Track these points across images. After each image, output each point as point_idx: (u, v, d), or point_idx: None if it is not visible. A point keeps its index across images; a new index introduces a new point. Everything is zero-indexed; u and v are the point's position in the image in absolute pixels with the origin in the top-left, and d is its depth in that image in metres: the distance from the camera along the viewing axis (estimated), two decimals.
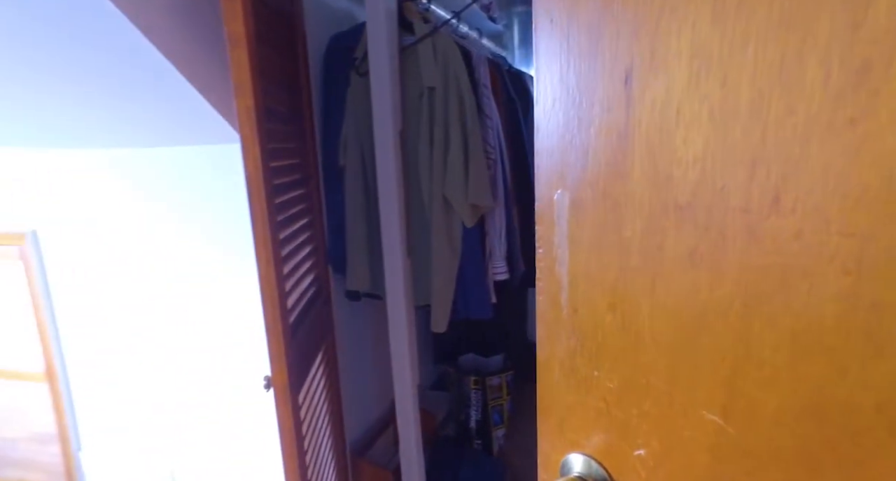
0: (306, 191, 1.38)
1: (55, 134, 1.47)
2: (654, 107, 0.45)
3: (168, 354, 1.59)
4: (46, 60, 1.14)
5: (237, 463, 1.58)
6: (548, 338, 0.58)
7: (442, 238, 1.43)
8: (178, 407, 1.62)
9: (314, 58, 1.44)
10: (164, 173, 1.45)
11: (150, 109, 1.26)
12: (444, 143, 1.37)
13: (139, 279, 1.56)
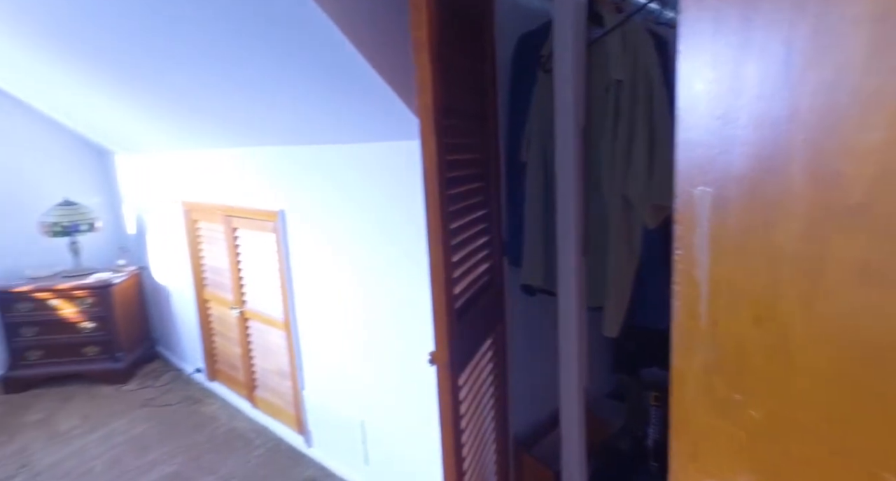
0: (484, 185, 1.46)
1: (298, 133, 1.85)
2: (820, 87, 0.37)
3: (362, 318, 1.86)
4: (292, 78, 1.44)
5: (414, 423, 1.77)
6: (683, 348, 0.52)
7: (619, 238, 1.36)
8: (367, 366, 1.89)
9: (503, 58, 1.50)
10: (370, 165, 1.70)
11: (366, 111, 1.49)
12: (628, 139, 1.29)
13: (345, 253, 1.86)
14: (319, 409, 2.17)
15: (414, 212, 1.59)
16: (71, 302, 2.99)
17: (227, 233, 2.49)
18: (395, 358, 1.77)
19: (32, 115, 3.24)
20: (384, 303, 1.77)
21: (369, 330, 1.85)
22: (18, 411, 2.79)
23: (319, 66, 1.34)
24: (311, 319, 2.11)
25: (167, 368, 3.30)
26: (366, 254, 1.80)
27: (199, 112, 2.05)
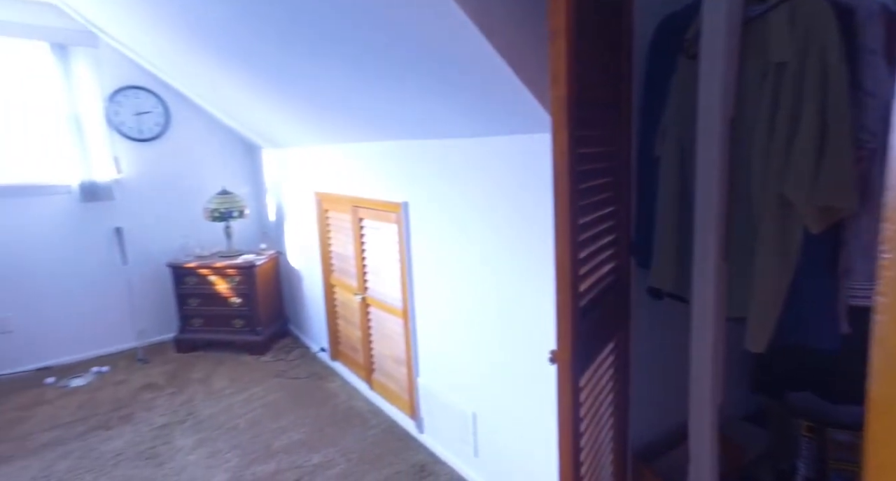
0: (614, 179, 1.38)
1: (423, 127, 1.91)
2: None
3: (479, 311, 1.87)
4: (421, 74, 1.48)
5: (527, 420, 1.75)
6: (888, 371, 0.44)
7: (771, 242, 1.20)
8: (481, 359, 1.90)
9: (639, 46, 1.40)
10: (492, 159, 1.70)
11: (493, 105, 1.49)
12: (789, 132, 1.13)
13: (465, 246, 1.88)
14: (432, 398, 2.23)
15: (537, 207, 1.55)
16: (224, 279, 3.42)
17: (354, 223, 2.66)
18: (511, 353, 1.76)
19: (201, 114, 3.75)
20: (502, 296, 1.76)
21: (486, 323, 1.86)
22: (185, 368, 3.27)
23: (450, 61, 1.36)
24: (429, 309, 2.18)
25: (296, 345, 3.64)
26: (486, 247, 1.80)
27: (332, 109, 2.21)
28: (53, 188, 3.29)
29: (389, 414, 2.61)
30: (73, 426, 2.62)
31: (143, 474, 2.21)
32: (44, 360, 3.33)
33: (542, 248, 1.55)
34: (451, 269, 1.99)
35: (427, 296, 2.18)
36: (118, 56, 3.39)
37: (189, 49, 2.49)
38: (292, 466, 2.23)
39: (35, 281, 3.27)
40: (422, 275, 2.18)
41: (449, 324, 2.06)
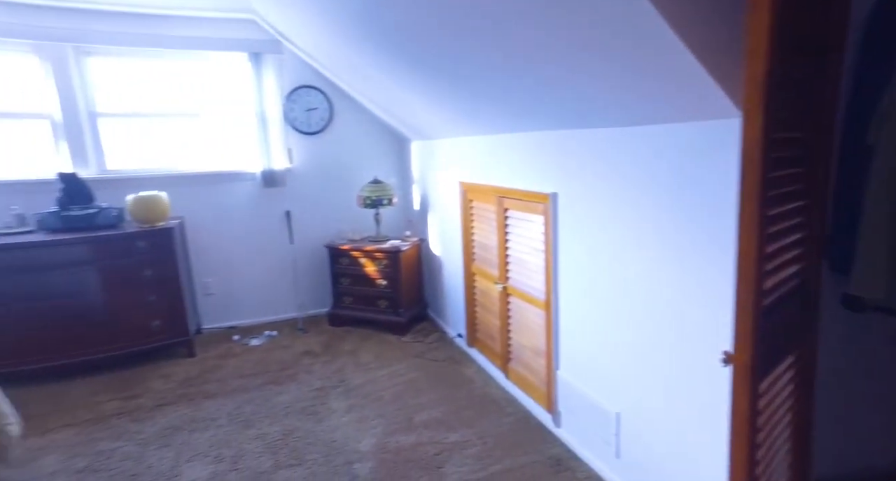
0: (807, 169, 1.21)
1: (577, 117, 1.86)
2: None
3: (630, 307, 1.78)
4: (584, 60, 1.44)
5: (683, 427, 1.63)
6: None
7: None
8: (630, 357, 1.81)
9: (855, 18, 1.20)
10: (653, 148, 1.60)
11: (661, 91, 1.40)
12: None
13: (617, 239, 1.80)
14: (572, 392, 2.19)
15: (706, 198, 1.43)
16: (372, 261, 3.72)
17: (498, 213, 2.70)
18: (667, 353, 1.65)
19: (359, 110, 4.10)
20: (659, 293, 1.65)
21: (639, 320, 1.76)
22: (337, 341, 3.63)
23: (619, 46, 1.30)
24: (573, 302, 2.14)
25: (434, 329, 3.82)
26: (642, 239, 1.71)
27: (486, 100, 2.26)
28: (243, 175, 3.86)
29: (524, 404, 2.62)
30: (254, 378, 3.07)
31: (306, 427, 2.51)
32: (232, 320, 3.95)
33: (711, 243, 1.42)
34: (601, 263, 1.92)
35: (572, 288, 2.13)
36: (296, 60, 3.85)
37: (355, 49, 2.72)
38: (431, 441, 2.36)
39: (228, 252, 3.89)
40: (568, 268, 2.14)
41: (595, 319, 2.00)
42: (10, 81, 3.31)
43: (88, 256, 3.10)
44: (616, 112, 1.68)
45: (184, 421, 2.61)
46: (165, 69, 3.65)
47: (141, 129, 3.68)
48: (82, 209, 3.21)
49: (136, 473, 2.20)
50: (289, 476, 2.15)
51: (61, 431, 2.54)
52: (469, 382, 2.94)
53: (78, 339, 3.09)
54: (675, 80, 1.29)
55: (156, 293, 3.24)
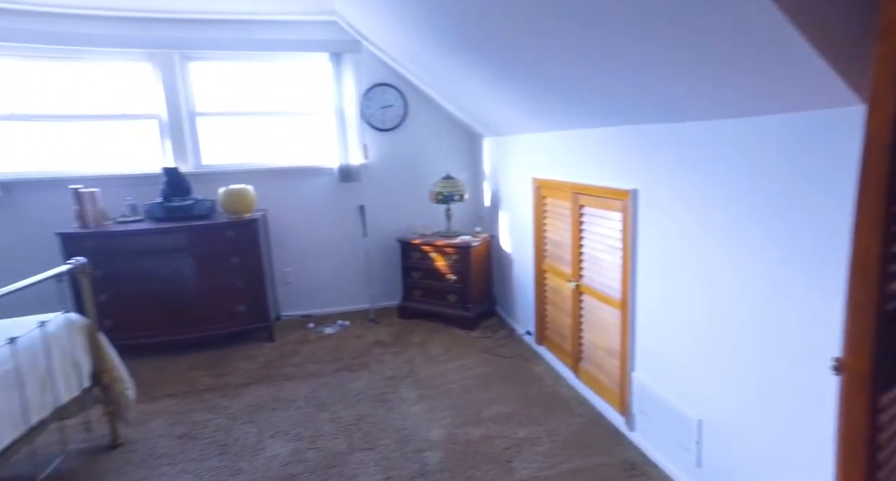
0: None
1: (664, 110, 1.78)
2: None
3: (717, 308, 1.69)
4: (673, 50, 1.38)
5: (778, 440, 1.53)
6: None
7: None
8: (715, 361, 1.71)
9: None
10: (748, 141, 1.50)
11: (754, 79, 1.31)
12: None
13: (706, 238, 1.71)
14: (648, 396, 2.11)
15: (810, 191, 1.32)
16: (443, 256, 3.77)
17: (573, 210, 2.64)
18: (760, 358, 1.54)
19: (433, 107, 4.16)
20: (751, 292, 1.55)
21: (726, 321, 1.67)
22: (407, 332, 3.72)
23: (719, 33, 1.23)
24: (653, 302, 2.06)
25: (502, 326, 3.81)
26: (732, 237, 1.61)
27: (562, 96, 2.22)
28: (321, 170, 4.04)
29: (595, 405, 2.56)
30: (328, 364, 3.21)
31: (378, 413, 2.60)
32: (307, 309, 4.16)
33: (818, 242, 1.32)
34: (685, 262, 1.84)
35: (652, 288, 2.05)
36: (373, 59, 3.97)
37: (432, 47, 2.77)
38: (500, 435, 2.36)
39: (305, 244, 4.09)
40: (648, 267, 2.07)
41: (676, 320, 1.92)
42: (127, 86, 3.67)
43: (185, 243, 3.38)
44: (708, 104, 1.59)
45: (266, 399, 2.78)
46: (254, 70, 3.89)
47: (232, 127, 3.95)
48: (182, 200, 3.50)
49: (226, 444, 2.37)
50: (362, 458, 2.23)
51: (164, 400, 2.80)
52: (538, 380, 2.91)
53: (176, 319, 3.38)
54: (784, 66, 1.20)
55: (241, 280, 3.47)
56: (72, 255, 2.54)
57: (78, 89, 3.61)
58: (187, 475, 2.16)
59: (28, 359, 1.91)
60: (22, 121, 3.55)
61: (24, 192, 3.54)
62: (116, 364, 2.40)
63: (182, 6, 3.42)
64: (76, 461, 2.28)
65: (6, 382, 1.78)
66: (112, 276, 3.22)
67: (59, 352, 2.09)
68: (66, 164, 3.66)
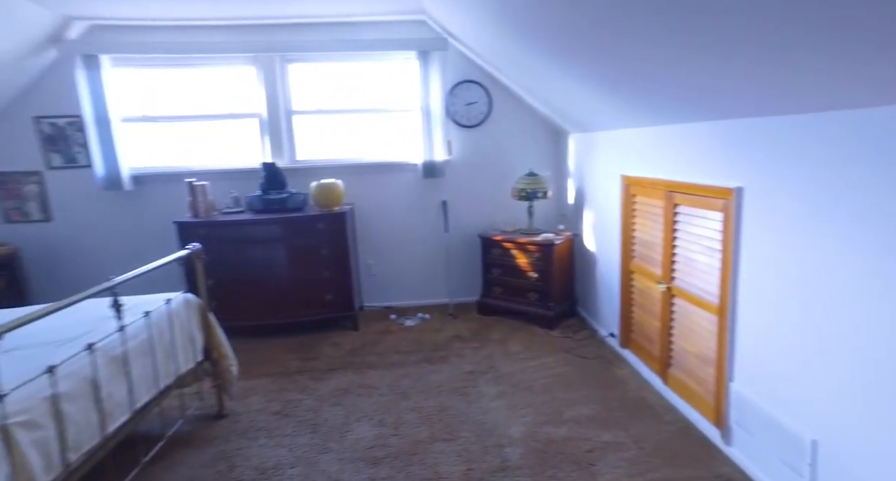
0: None
1: (777, 102, 1.64)
2: None
3: (836, 317, 1.54)
4: (786, 37, 1.26)
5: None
6: None
7: None
8: (836, 375, 1.56)
9: None
10: (875, 135, 1.34)
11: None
12: None
13: (827, 241, 1.56)
14: (749, 409, 1.97)
15: None
16: (524, 254, 3.74)
17: (666, 209, 2.52)
18: (893, 373, 1.39)
19: (518, 103, 4.13)
20: (881, 300, 1.40)
21: (850, 331, 1.52)
22: (486, 328, 3.74)
23: (837, 14, 1.12)
24: (757, 308, 1.91)
25: (583, 326, 3.71)
26: (861, 240, 1.46)
27: (660, 90, 2.11)
28: (405, 166, 4.15)
29: (685, 414, 2.43)
30: (409, 355, 3.31)
31: (458, 406, 2.64)
32: (389, 301, 4.30)
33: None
34: (802, 265, 1.68)
35: (756, 293, 1.91)
36: (459, 56, 4.01)
37: (520, 42, 2.75)
38: (582, 437, 2.31)
39: (388, 237, 4.23)
40: (753, 270, 1.92)
41: (786, 328, 1.77)
42: (234, 88, 3.99)
43: (280, 234, 3.61)
44: (845, 92, 1.44)
45: (351, 385, 2.91)
46: (345, 70, 4.07)
47: (324, 124, 4.16)
48: (278, 193, 3.75)
49: (316, 423, 2.52)
50: (443, 448, 2.28)
51: (261, 379, 3.03)
52: (622, 383, 2.81)
53: (270, 304, 3.64)
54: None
55: (330, 270, 3.66)
56: (186, 242, 2.81)
57: (193, 93, 3.98)
58: (282, 448, 2.32)
59: (157, 331, 2.14)
60: (149, 122, 3.97)
61: (150, 185, 3.96)
62: (223, 342, 2.63)
63: (283, 12, 3.65)
64: (192, 425, 2.53)
65: (143, 349, 2.02)
66: (217, 263, 3.50)
67: (179, 327, 2.33)
68: (182, 160, 4.04)
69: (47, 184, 3.88)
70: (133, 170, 3.91)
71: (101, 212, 3.96)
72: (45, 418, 1.47)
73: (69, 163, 3.86)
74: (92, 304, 1.88)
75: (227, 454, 2.29)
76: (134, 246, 3.98)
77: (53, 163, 3.85)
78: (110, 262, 3.92)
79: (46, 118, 3.79)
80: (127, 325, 1.96)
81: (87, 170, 3.83)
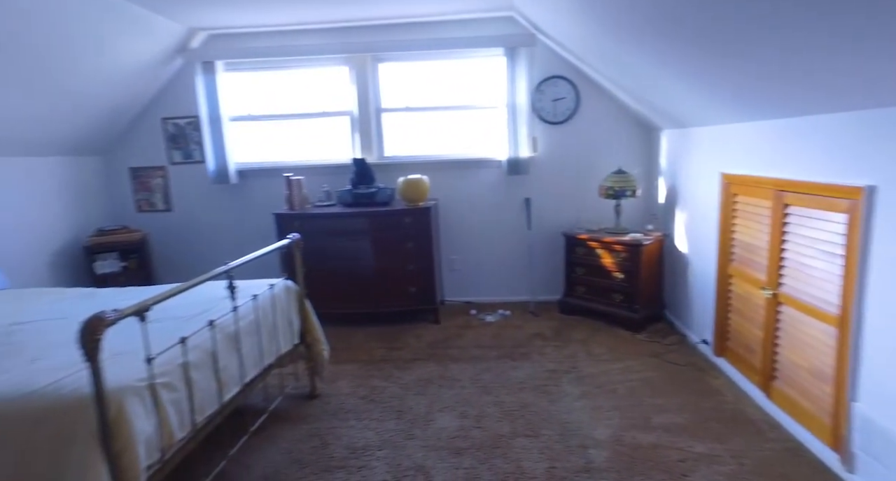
0: None
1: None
2: None
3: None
4: None
5: None
6: None
7: None
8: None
9: None
10: None
11: None
12: None
13: None
14: (879, 435, 1.77)
15: None
16: (610, 253, 3.62)
17: (774, 209, 2.33)
18: None
19: (607, 98, 4.01)
20: None
21: None
22: (567, 328, 3.68)
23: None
24: (889, 321, 1.72)
25: (671, 331, 3.54)
26: None
27: (775, 81, 1.95)
28: (490, 162, 4.17)
29: (792, 433, 2.24)
30: (490, 350, 3.33)
31: (540, 404, 2.62)
32: (469, 296, 4.35)
33: None
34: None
35: (888, 303, 1.72)
36: (547, 51, 3.96)
37: (614, 36, 2.65)
38: (673, 446, 2.21)
39: (471, 233, 4.27)
40: (884, 278, 1.73)
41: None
42: (327, 87, 4.21)
43: (368, 227, 3.77)
44: None
45: (434, 376, 2.98)
46: (433, 68, 4.16)
47: (410, 121, 4.28)
48: (367, 188, 3.91)
49: (400, 410, 2.61)
50: (525, 444, 2.27)
51: (348, 364, 3.19)
52: (716, 394, 2.65)
53: (358, 295, 3.81)
54: None
55: (414, 264, 3.76)
56: (284, 233, 3.02)
57: (291, 93, 4.25)
58: (370, 431, 2.43)
59: (262, 313, 2.33)
60: (253, 121, 4.30)
61: (252, 179, 4.30)
62: (317, 327, 2.80)
63: (375, 14, 3.79)
64: (289, 403, 2.72)
65: (250, 329, 2.21)
66: (309, 253, 3.72)
67: (280, 310, 2.51)
68: (280, 155, 4.34)
69: (170, 178, 4.33)
70: (238, 165, 4.25)
71: (211, 204, 4.36)
72: (180, 382, 1.66)
73: (187, 159, 4.29)
74: (207, 285, 2.08)
75: (319, 432, 2.43)
76: (238, 234, 4.34)
77: (174, 159, 4.30)
78: (218, 249, 4.31)
79: (171, 119, 4.23)
80: (239, 306, 2.15)
81: (201, 166, 4.23)
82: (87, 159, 4.21)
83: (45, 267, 3.78)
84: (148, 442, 1.47)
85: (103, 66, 3.46)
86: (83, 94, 3.54)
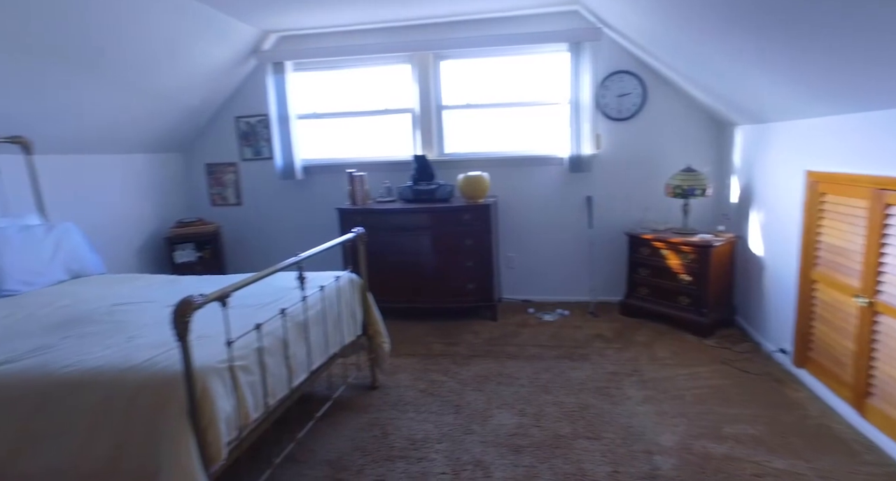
0: None
1: None
2: None
3: None
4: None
5: None
6: None
7: None
8: None
9: None
10: None
11: None
12: None
13: None
14: None
15: None
16: (677, 254, 3.47)
17: (872, 209, 2.14)
18: None
19: (675, 93, 3.83)
20: None
21: None
22: (629, 330, 3.56)
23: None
24: None
25: (744, 338, 3.34)
26: None
27: (887, 62, 1.79)
28: (551, 159, 4.09)
29: (893, 456, 2.06)
30: (548, 350, 3.28)
31: (601, 406, 2.55)
32: (527, 294, 4.30)
33: None
34: None
35: None
36: (612, 45, 3.84)
37: (686, 27, 2.52)
38: (748, 459, 2.08)
39: (530, 231, 4.22)
40: None
41: None
42: (390, 85, 4.29)
43: (428, 223, 3.80)
44: None
45: (491, 373, 2.97)
46: (494, 65, 4.13)
47: (471, 118, 4.28)
48: (427, 184, 3.95)
49: (458, 405, 2.62)
50: (587, 446, 2.22)
51: (407, 358, 3.23)
52: (797, 407, 2.47)
53: (416, 289, 3.86)
54: None
55: (472, 260, 3.76)
56: (347, 227, 3.10)
57: (354, 91, 4.36)
58: (428, 424, 2.45)
59: (328, 304, 2.40)
60: (318, 118, 4.45)
61: (318, 175, 4.45)
62: (378, 320, 2.86)
63: (437, 12, 3.81)
64: (351, 392, 2.80)
65: (318, 319, 2.29)
66: (370, 248, 3.80)
67: (345, 302, 2.58)
68: (343, 152, 4.46)
69: (241, 173, 4.57)
70: (304, 161, 4.41)
71: (278, 199, 4.55)
72: (255, 366, 1.74)
73: (256, 155, 4.50)
74: (277, 276, 2.16)
75: (380, 421, 2.48)
76: (302, 228, 4.51)
77: (245, 156, 4.53)
78: (283, 242, 4.50)
79: (243, 117, 4.46)
80: (307, 296, 2.23)
81: (269, 162, 4.43)
82: (170, 156, 4.51)
83: (133, 255, 4.09)
84: (227, 421, 1.56)
85: (186, 70, 3.70)
86: (167, 96, 3.80)
